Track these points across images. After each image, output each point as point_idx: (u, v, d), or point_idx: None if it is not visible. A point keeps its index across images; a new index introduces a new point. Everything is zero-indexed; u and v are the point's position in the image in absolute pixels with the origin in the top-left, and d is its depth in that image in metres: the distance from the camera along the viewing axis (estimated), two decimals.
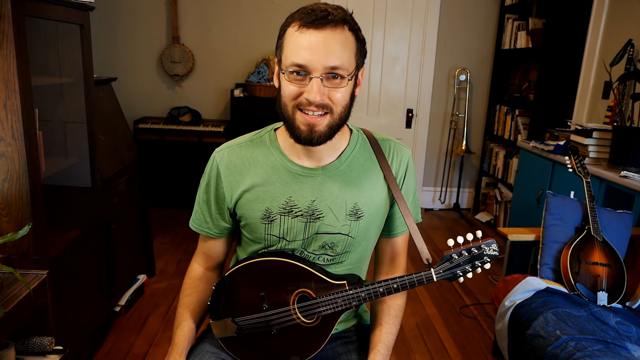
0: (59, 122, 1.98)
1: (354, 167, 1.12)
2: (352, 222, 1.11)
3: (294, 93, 0.98)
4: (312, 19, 0.94)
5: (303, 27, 0.95)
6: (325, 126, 1.00)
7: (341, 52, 0.96)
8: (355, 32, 1.00)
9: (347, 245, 1.13)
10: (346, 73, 0.98)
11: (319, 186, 1.09)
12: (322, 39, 0.94)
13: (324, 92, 0.97)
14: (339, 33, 0.96)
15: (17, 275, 1.15)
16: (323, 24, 0.94)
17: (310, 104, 0.97)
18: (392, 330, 1.16)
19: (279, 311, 1.11)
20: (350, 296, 1.08)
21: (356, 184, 1.11)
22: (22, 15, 1.45)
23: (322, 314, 1.10)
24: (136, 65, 4.09)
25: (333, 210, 1.10)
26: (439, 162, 4.44)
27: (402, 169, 1.15)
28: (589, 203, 1.99)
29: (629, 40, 2.59)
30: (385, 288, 1.07)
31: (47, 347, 1.33)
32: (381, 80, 4.23)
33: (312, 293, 1.10)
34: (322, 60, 0.94)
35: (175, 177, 3.90)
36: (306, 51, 0.94)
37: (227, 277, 1.14)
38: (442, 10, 4.08)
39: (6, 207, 1.52)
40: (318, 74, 0.95)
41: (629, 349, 1.52)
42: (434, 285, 2.94)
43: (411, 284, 1.07)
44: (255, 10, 4.02)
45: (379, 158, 1.13)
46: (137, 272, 2.67)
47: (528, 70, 3.83)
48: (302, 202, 1.09)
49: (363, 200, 1.11)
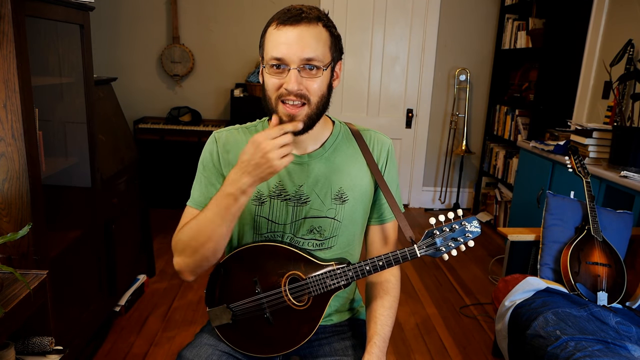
0: (59, 122, 1.98)
1: (337, 154, 1.20)
2: (338, 205, 1.18)
3: (275, 85, 1.06)
4: (287, 17, 1.04)
5: (280, 25, 1.04)
6: (304, 116, 1.07)
7: (315, 45, 1.04)
8: (329, 29, 1.08)
9: (334, 229, 1.19)
10: (321, 64, 1.05)
11: (305, 172, 1.17)
12: (297, 33, 1.03)
13: (301, 81, 1.05)
14: (313, 28, 1.04)
15: (17, 275, 1.15)
16: (298, 21, 1.03)
17: (290, 94, 1.05)
18: (388, 322, 1.19)
19: (271, 293, 1.15)
20: (337, 275, 1.13)
21: (340, 170, 1.19)
22: (22, 15, 1.45)
23: (312, 295, 1.14)
24: (136, 65, 4.09)
25: (319, 195, 1.17)
26: (439, 162, 4.44)
27: (384, 156, 1.23)
28: (589, 203, 1.99)
29: (629, 40, 2.59)
30: (371, 266, 1.12)
31: (47, 347, 1.33)
32: (381, 80, 4.23)
33: (301, 274, 1.15)
34: (297, 53, 1.02)
35: (175, 177, 3.90)
36: (283, 45, 1.03)
37: (221, 264, 1.19)
38: (442, 10, 4.09)
39: (6, 207, 1.52)
40: (295, 66, 1.03)
41: (629, 349, 1.52)
42: (434, 285, 2.95)
43: (395, 260, 1.12)
44: (255, 10, 4.02)
45: (361, 146, 1.21)
46: (137, 272, 2.67)
47: (528, 70, 3.83)
48: (290, 187, 1.17)
49: (347, 184, 1.18)
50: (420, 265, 3.23)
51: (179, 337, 2.30)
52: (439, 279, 3.05)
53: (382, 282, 1.24)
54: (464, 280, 3.03)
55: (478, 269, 3.20)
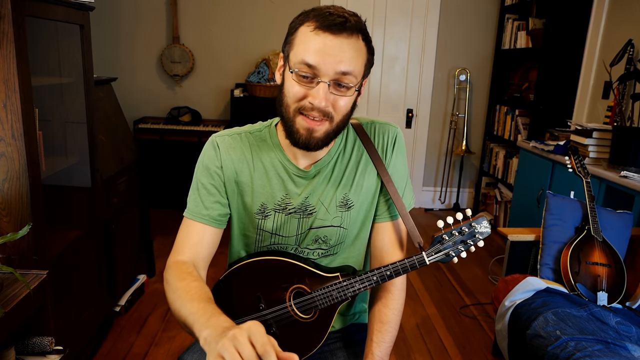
0: (59, 122, 1.98)
1: (342, 161, 1.13)
2: (343, 212, 1.13)
3: (299, 95, 0.97)
4: (329, 22, 0.93)
5: (319, 29, 0.94)
6: (323, 133, 1.00)
7: (354, 59, 0.95)
8: (368, 43, 0.99)
9: (339, 236, 1.14)
10: (354, 82, 0.97)
11: (310, 183, 1.11)
12: (337, 44, 0.93)
13: (329, 98, 0.96)
14: (354, 41, 0.95)
15: (17, 275, 1.15)
16: (340, 30, 0.93)
17: (314, 109, 0.97)
18: (385, 338, 1.13)
19: (276, 309, 1.10)
20: (344, 287, 1.08)
21: (345, 176, 1.13)
22: (22, 15, 1.45)
23: (319, 308, 1.09)
24: (136, 65, 4.09)
25: (324, 204, 1.11)
26: (439, 162, 4.44)
27: (389, 146, 1.15)
28: (589, 203, 1.99)
29: (629, 40, 2.59)
30: (378, 276, 1.07)
31: (47, 347, 1.33)
32: (381, 80, 4.23)
33: (306, 288, 1.10)
34: (334, 65, 0.94)
35: (175, 177, 3.90)
36: (319, 53, 0.93)
37: (222, 280, 1.14)
38: (442, 10, 4.08)
39: (6, 207, 1.52)
40: (327, 79, 0.95)
41: (629, 349, 1.52)
42: (434, 285, 2.95)
43: (404, 269, 1.07)
44: (255, 10, 4.02)
45: (365, 143, 1.14)
46: (137, 272, 2.67)
47: (528, 70, 3.83)
48: (295, 199, 1.11)
49: (352, 189, 1.13)
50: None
51: (179, 337, 2.30)
52: (439, 279, 3.05)
53: (385, 286, 1.18)
54: (464, 280, 3.03)
55: (478, 269, 3.20)
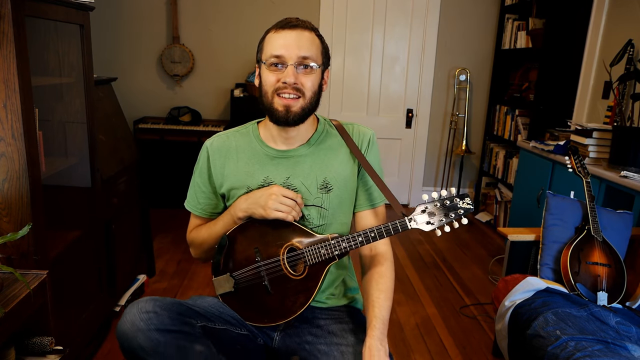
0: (59, 122, 1.98)
1: (321, 148, 1.31)
2: (324, 194, 1.28)
3: (273, 80, 1.21)
4: (286, 23, 1.22)
5: (279, 29, 1.21)
6: (299, 108, 1.21)
7: (310, 46, 1.21)
8: (320, 38, 1.26)
9: (321, 217, 1.29)
10: (315, 64, 1.22)
11: (292, 165, 1.29)
12: (295, 35, 1.20)
13: (297, 76, 1.20)
14: (308, 34, 1.22)
15: (17, 275, 1.15)
16: (295, 26, 1.21)
17: (286, 86, 1.19)
18: (385, 304, 1.24)
19: (270, 262, 1.24)
20: (332, 245, 1.21)
21: (324, 161, 1.30)
22: (22, 15, 1.45)
23: (308, 264, 1.22)
24: (136, 65, 4.09)
25: (306, 185, 1.28)
26: (439, 162, 4.44)
27: (365, 143, 1.33)
28: (589, 203, 1.99)
29: (629, 40, 2.59)
30: (364, 237, 1.19)
31: (47, 347, 1.33)
32: (381, 80, 4.23)
33: (299, 245, 1.23)
34: (295, 51, 1.19)
35: (175, 177, 3.89)
36: (282, 45, 1.19)
37: (228, 236, 1.28)
38: (442, 10, 4.09)
39: (6, 207, 1.52)
40: (292, 62, 1.19)
41: (629, 349, 1.52)
42: (434, 285, 2.95)
43: (387, 231, 1.18)
44: (255, 10, 4.02)
45: (345, 137, 1.33)
46: (137, 272, 2.67)
47: (528, 70, 3.83)
48: (278, 179, 1.28)
49: (331, 174, 1.29)
50: (420, 265, 3.23)
51: None
52: (439, 279, 3.05)
53: (375, 256, 1.31)
54: (464, 280, 3.03)
55: (478, 269, 3.20)
